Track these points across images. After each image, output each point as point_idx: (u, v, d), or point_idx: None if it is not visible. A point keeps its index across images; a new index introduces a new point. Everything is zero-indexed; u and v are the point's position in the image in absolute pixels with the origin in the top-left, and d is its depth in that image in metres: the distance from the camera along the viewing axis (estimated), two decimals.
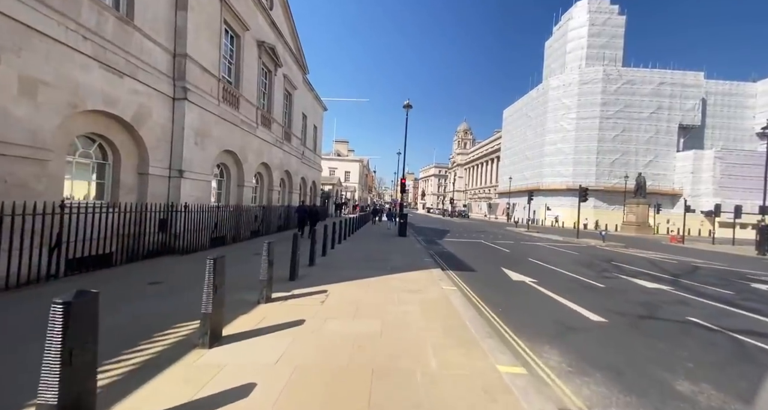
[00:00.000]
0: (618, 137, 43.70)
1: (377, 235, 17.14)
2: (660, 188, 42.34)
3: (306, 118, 23.18)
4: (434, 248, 12.94)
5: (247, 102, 12.96)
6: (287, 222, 18.39)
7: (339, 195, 42.22)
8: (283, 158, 17.37)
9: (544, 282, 7.41)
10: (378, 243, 13.25)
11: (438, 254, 11.20)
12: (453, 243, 15.32)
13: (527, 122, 53.95)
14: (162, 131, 8.71)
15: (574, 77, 45.15)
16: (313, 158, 25.57)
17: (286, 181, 18.91)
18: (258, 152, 14.12)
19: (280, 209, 17.37)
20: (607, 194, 43.61)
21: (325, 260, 8.66)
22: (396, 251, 10.98)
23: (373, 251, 10.60)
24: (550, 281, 7.65)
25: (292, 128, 19.09)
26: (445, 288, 6.05)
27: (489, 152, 77.18)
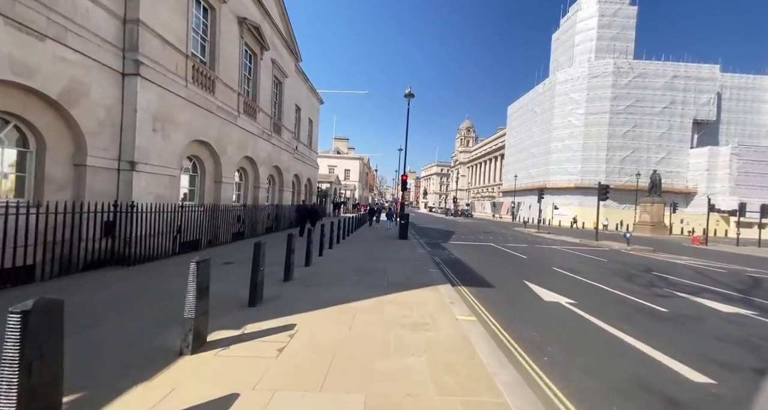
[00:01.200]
0: (629, 133, 41.85)
1: (375, 238, 15.51)
2: (673, 186, 40.47)
3: (300, 110, 21.53)
4: (440, 254, 11.30)
5: (225, 86, 11.31)
6: (277, 223, 16.77)
7: (338, 194, 40.59)
8: (271, 152, 15.73)
9: (586, 304, 5.75)
10: (375, 248, 11.61)
11: (445, 262, 9.55)
12: (460, 247, 13.68)
13: (533, 118, 52.11)
14: (107, 112, 7.07)
15: (582, 71, 43.29)
16: (308, 153, 23.93)
17: (275, 178, 17.27)
18: (240, 144, 12.49)
19: (269, 209, 15.75)
20: (618, 193, 41.65)
21: (307, 273, 7.03)
22: (395, 258, 9.34)
23: (369, 259, 8.96)
24: (592, 302, 6.00)
25: (283, 119, 17.45)
26: (461, 319, 4.39)
27: (492, 149, 75.37)
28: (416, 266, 8.14)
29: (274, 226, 16.34)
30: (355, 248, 11.32)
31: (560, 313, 5.31)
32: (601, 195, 17.68)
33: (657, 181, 32.19)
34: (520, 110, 57.82)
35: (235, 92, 12.06)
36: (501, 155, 70.14)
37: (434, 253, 11.42)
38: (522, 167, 53.88)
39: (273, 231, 15.91)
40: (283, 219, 17.50)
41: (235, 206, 12.41)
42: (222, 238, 11.19)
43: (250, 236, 13.56)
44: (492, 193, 72.47)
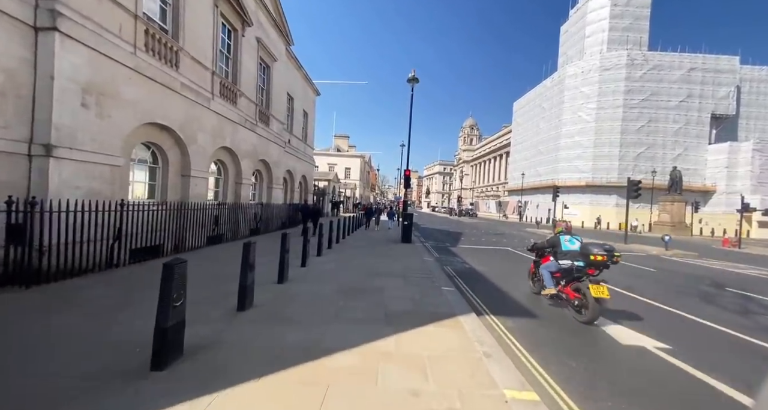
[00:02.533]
0: (643, 129, 39.78)
1: (374, 241, 13.62)
2: (690, 184, 38.31)
3: (292, 100, 19.69)
4: (451, 262, 9.41)
5: (194, 62, 9.47)
6: (266, 224, 14.93)
7: (336, 192, 38.76)
8: (257, 144, 13.88)
9: (686, 352, 3.80)
10: (373, 254, 9.73)
11: (460, 275, 7.66)
12: (473, 252, 11.78)
13: (541, 114, 50.08)
14: (8, 79, 5.23)
15: (594, 63, 41.23)
16: (303, 148, 22.09)
17: (263, 173, 15.42)
18: (215, 132, 10.64)
19: (255, 208, 13.90)
20: None
21: (276, 295, 5.16)
22: (397, 269, 7.46)
23: (363, 272, 7.08)
24: (688, 344, 4.06)
25: (272, 108, 15.59)
26: (512, 399, 2.50)
27: (497, 147, 73.35)
28: (424, 282, 6.27)
29: (261, 227, 14.50)
30: (349, 255, 9.45)
31: (661, 373, 3.36)
32: (632, 192, 15.66)
33: (677, 178, 30.15)
34: (526, 105, 55.80)
35: (208, 70, 10.21)
36: (506, 153, 68.11)
37: (444, 261, 9.53)
38: (529, 165, 51.87)
39: (259, 233, 14.06)
40: (273, 220, 15.65)
41: (211, 204, 10.55)
42: (192, 242, 9.36)
43: (232, 239, 11.73)
44: (497, 192, 70.48)
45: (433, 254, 10.78)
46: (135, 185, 8.23)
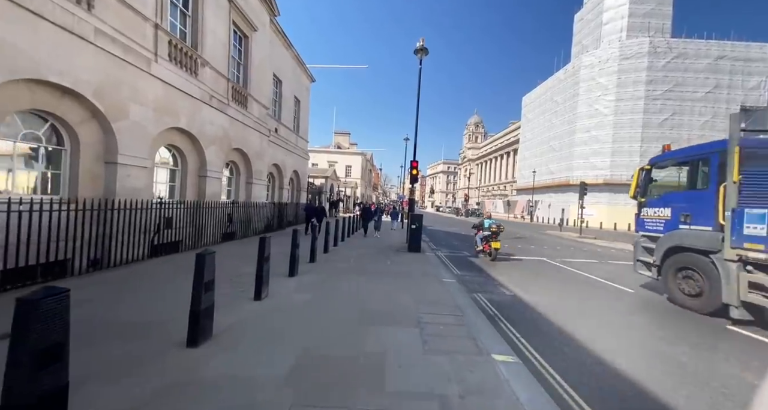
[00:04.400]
0: (666, 122, 36.81)
1: (373, 249, 10.92)
2: None
3: (281, 84, 17.05)
4: (484, 287, 6.49)
5: (121, 4, 6.81)
6: (246, 226, 12.30)
7: (336, 191, 36.14)
8: (229, 128, 11.24)
9: None
10: (370, 274, 6.97)
11: (508, 316, 4.76)
12: (504, 267, 8.99)
13: (553, 108, 47.20)
14: None
15: (612, 52, 38.31)
16: (294, 140, 19.45)
17: (239, 166, 12.77)
18: (161, 106, 8.00)
19: (228, 208, 11.24)
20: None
21: (157, 389, 2.44)
22: (406, 307, 4.71)
23: (349, 315, 4.21)
24: None
25: (251, 88, 12.95)
26: None
27: (504, 144, 70.48)
28: (456, 336, 3.60)
29: (238, 232, 11.86)
30: (337, 272, 6.74)
31: None
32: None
33: None
34: (536, 100, 52.90)
35: (148, 21, 7.55)
36: (514, 150, 65.26)
37: (471, 283, 6.77)
38: (540, 163, 48.99)
39: (234, 238, 11.41)
40: (252, 222, 13.00)
41: (162, 202, 7.89)
42: (124, 254, 6.74)
43: (191, 247, 9.12)
44: (504, 191, 67.62)
45: (453, 269, 8.05)
46: (16, 173, 5.59)
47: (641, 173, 7.38)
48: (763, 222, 4.63)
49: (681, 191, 6.63)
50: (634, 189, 7.37)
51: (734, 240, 4.96)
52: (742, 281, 4.85)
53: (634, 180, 7.46)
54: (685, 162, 6.67)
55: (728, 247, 5.03)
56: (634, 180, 7.44)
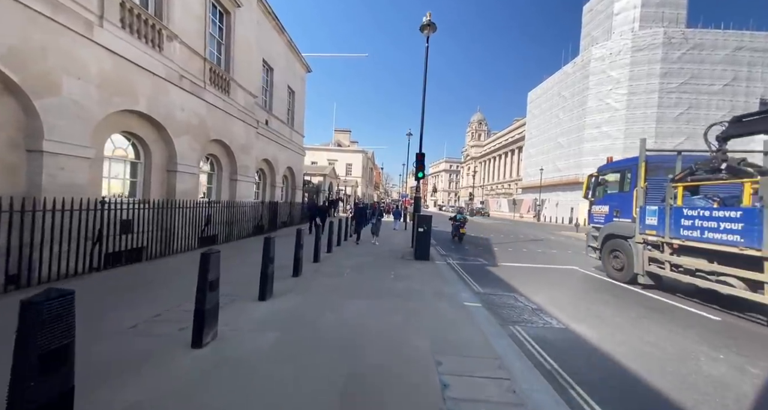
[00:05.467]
0: (682, 116, 35.09)
1: (372, 257, 9.36)
2: None
3: (272, 71, 15.51)
4: (519, 315, 4.79)
5: None
6: (229, 229, 10.80)
7: (335, 190, 34.60)
8: (207, 116, 9.72)
9: None
10: (367, 295, 5.39)
11: (566, 365, 3.28)
12: (532, 279, 7.33)
13: (560, 103, 45.49)
14: None
15: (625, 43, 36.58)
16: (288, 134, 17.91)
17: (222, 160, 11.24)
18: (110, 83, 6.48)
19: (207, 208, 9.72)
20: None
21: None
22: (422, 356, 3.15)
23: (329, 386, 2.71)
24: None
25: (235, 72, 11.42)
26: None
27: (509, 142, 68.79)
28: None
29: (220, 235, 10.37)
30: (324, 298, 5.14)
31: None
32: None
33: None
34: (543, 95, 51.18)
35: None
36: (519, 147, 63.60)
37: (500, 307, 5.08)
38: (547, 160, 47.30)
39: (216, 242, 9.89)
40: (239, 223, 11.49)
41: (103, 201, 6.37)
42: (56, 267, 5.25)
43: (160, 254, 7.65)
44: (509, 189, 65.95)
45: (472, 285, 6.48)
46: None
47: (590, 178, 9.47)
48: (655, 215, 6.68)
49: (614, 193, 8.42)
50: (585, 191, 9.55)
51: (640, 228, 6.95)
52: (645, 257, 6.83)
53: (585, 184, 9.64)
54: (617, 171, 8.47)
55: (637, 233, 7.00)
56: (585, 184, 9.62)
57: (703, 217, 5.83)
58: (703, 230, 5.81)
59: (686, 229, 6.14)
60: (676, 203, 6.46)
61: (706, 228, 5.76)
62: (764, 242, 4.75)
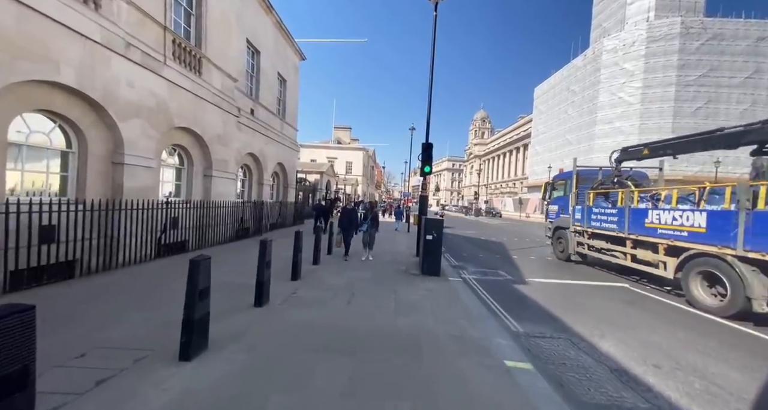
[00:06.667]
0: (700, 111, 33.18)
1: (369, 272, 7.60)
2: None
3: (258, 55, 13.77)
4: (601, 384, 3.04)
5: None
6: (201, 233, 9.12)
7: (333, 189, 32.87)
8: (167, 97, 8.00)
9: None
10: (355, 351, 3.69)
11: None
12: (585, 309, 5.47)
13: (569, 98, 43.60)
14: None
15: (639, 34, 34.67)
16: (279, 127, 16.18)
17: (192, 152, 9.50)
18: (20, 43, 4.77)
19: (179, 207, 7.99)
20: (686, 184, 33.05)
21: None
22: None
23: None
24: None
25: (209, 49, 9.70)
26: None
27: (514, 139, 66.91)
28: None
29: (190, 241, 8.68)
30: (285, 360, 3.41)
31: None
32: None
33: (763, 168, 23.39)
34: (550, 90, 49.28)
35: None
36: (524, 145, 61.72)
37: (566, 369, 3.25)
38: (555, 157, 45.42)
39: (187, 250, 8.16)
40: (215, 227, 9.79)
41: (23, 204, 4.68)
42: None
43: (101, 269, 5.93)
44: (514, 188, 64.07)
45: (507, 320, 4.66)
46: None
47: (546, 185, 12.67)
48: (579, 212, 9.68)
49: (560, 196, 11.34)
50: (543, 194, 12.74)
51: (573, 222, 9.95)
52: (574, 241, 9.90)
53: (543, 189, 12.77)
54: (562, 180, 11.62)
55: (571, 225, 10.01)
56: (543, 189, 12.75)
57: (601, 213, 8.78)
58: (601, 222, 8.72)
59: (594, 221, 9.02)
60: (589, 204, 9.34)
61: (603, 220, 8.66)
62: (624, 228, 7.74)
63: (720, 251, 5.54)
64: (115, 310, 4.11)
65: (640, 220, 7.35)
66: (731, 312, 5.18)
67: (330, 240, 9.51)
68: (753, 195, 5.29)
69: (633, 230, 7.54)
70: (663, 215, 6.86)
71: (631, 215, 7.65)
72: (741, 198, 5.32)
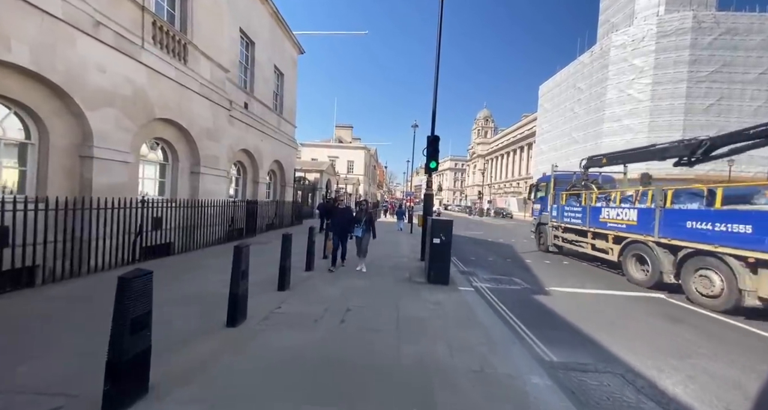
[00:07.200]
0: (713, 108, 32.12)
1: (366, 281, 6.81)
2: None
3: (253, 46, 13.00)
4: None
5: None
6: (187, 235, 8.40)
7: (333, 187, 32.11)
8: (147, 85, 7.25)
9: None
10: (336, 405, 2.94)
11: None
12: (625, 329, 4.48)
13: (575, 96, 42.56)
14: None
15: (649, 29, 33.62)
16: (276, 123, 15.42)
17: (177, 147, 8.74)
18: None
19: (160, 207, 7.24)
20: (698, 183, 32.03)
21: None
22: None
23: None
24: None
25: (196, 36, 8.95)
26: None
27: (518, 138, 65.91)
28: None
29: (179, 243, 7.93)
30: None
31: None
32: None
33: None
34: (556, 88, 48.24)
35: None
36: (528, 144, 60.76)
37: None
38: (560, 156, 44.37)
39: (172, 253, 7.40)
40: (203, 228, 9.05)
41: None
42: None
43: (68, 276, 5.20)
44: (518, 188, 63.03)
45: (536, 345, 3.77)
46: None
47: (531, 187, 15.10)
48: (556, 211, 11.33)
49: (542, 196, 13.27)
50: (528, 195, 15.45)
51: (551, 219, 11.65)
52: (552, 235, 11.51)
53: (528, 190, 15.52)
54: (544, 182, 13.44)
55: (549, 221, 11.73)
56: (528, 190, 15.57)
57: (571, 211, 10.50)
58: (571, 218, 10.44)
59: (566, 217, 10.73)
60: (563, 203, 11.08)
61: (572, 216, 10.37)
62: (587, 223, 9.50)
63: (645, 239, 7.35)
64: (55, 332, 3.34)
65: (597, 216, 9.16)
66: (651, 284, 7.09)
67: (310, 249, 8.71)
68: (664, 196, 7.08)
69: (592, 224, 9.39)
70: (611, 211, 8.68)
71: (591, 212, 9.44)
72: (657, 199, 7.20)
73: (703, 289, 5.90)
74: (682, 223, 6.43)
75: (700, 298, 5.92)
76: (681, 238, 6.42)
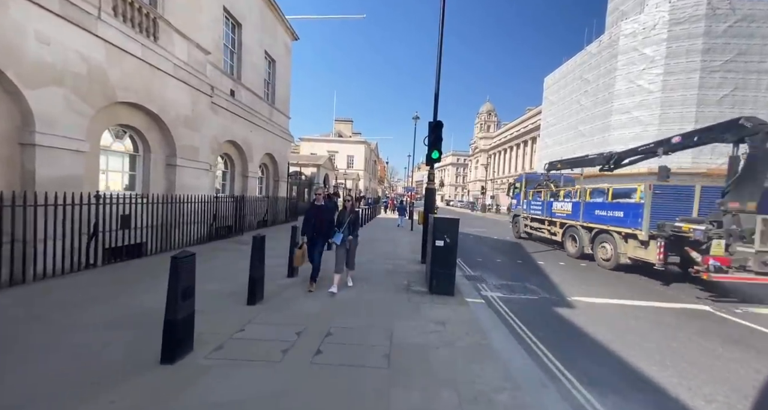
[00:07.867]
0: (727, 99, 30.95)
1: (354, 292, 5.87)
2: None
3: (239, 28, 11.98)
4: None
5: None
6: (163, 236, 7.53)
7: (332, 183, 31.14)
8: (105, 63, 6.29)
9: None
10: None
11: None
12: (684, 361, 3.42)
13: (582, 87, 41.29)
14: None
15: (661, 16, 32.33)
16: (267, 113, 14.42)
17: (148, 136, 7.80)
18: None
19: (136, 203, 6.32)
20: (710, 179, 30.91)
21: None
22: None
23: None
24: None
25: (169, 11, 7.98)
26: None
27: (521, 132, 64.64)
28: None
29: (154, 244, 7.03)
30: None
31: None
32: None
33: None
34: (561, 80, 46.90)
35: None
36: (532, 138, 59.51)
37: None
38: (566, 151, 43.03)
39: (142, 255, 6.50)
40: (181, 227, 8.16)
41: None
42: None
43: (7, 284, 4.23)
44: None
45: (577, 393, 2.87)
46: None
47: (510, 184, 18.76)
48: (526, 205, 14.72)
49: (518, 193, 16.24)
50: (507, 191, 19.35)
51: (523, 210, 14.89)
52: (522, 224, 14.82)
53: (507, 187, 19.55)
54: (519, 181, 16.64)
55: (522, 213, 14.91)
56: (508, 187, 19.43)
57: (535, 205, 13.68)
58: (535, 210, 13.57)
59: (532, 209, 13.91)
60: (530, 198, 14.35)
61: (536, 209, 13.55)
62: (545, 213, 12.42)
63: (575, 223, 10.16)
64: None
65: (551, 208, 12.06)
66: (579, 255, 9.85)
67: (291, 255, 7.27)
68: (585, 193, 10.03)
69: (548, 214, 12.26)
70: (558, 205, 11.62)
71: (546, 205, 12.45)
72: (582, 195, 10.07)
73: (602, 255, 8.83)
74: (593, 211, 9.36)
75: (601, 262, 8.85)
76: (593, 222, 9.28)
